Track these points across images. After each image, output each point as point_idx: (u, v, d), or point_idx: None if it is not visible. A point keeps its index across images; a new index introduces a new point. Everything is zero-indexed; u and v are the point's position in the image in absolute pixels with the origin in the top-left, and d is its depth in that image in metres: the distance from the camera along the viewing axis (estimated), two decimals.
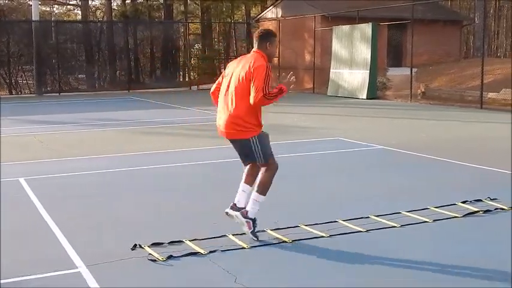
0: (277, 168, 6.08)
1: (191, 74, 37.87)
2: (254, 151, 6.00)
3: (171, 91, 31.86)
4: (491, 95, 20.96)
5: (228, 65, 6.32)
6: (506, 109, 19.36)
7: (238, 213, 6.02)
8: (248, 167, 6.19)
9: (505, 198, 7.56)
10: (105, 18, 40.71)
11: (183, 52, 38.78)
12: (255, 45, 6.12)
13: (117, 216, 7.12)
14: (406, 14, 27.99)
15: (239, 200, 6.12)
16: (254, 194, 6.02)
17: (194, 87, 33.67)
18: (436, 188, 8.51)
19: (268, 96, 5.81)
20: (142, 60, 37.73)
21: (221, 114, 6.08)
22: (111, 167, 10.29)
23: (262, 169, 6.05)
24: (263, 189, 6.00)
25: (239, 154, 6.25)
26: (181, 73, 39.26)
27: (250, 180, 6.15)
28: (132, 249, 5.75)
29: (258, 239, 5.98)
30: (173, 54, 37.83)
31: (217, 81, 6.39)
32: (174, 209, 7.41)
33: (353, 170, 10.04)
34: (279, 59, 33.25)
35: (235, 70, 6.06)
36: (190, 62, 38.20)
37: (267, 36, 6.10)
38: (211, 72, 42.16)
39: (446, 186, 8.64)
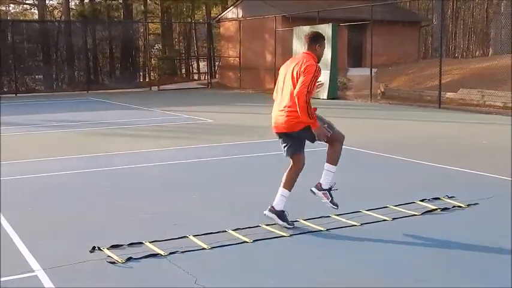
0: (343, 138, 6.61)
1: (151, 74, 37.65)
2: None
3: (131, 92, 31.64)
4: (449, 94, 21.27)
5: (281, 68, 6.69)
6: (463, 108, 19.68)
7: (314, 189, 6.57)
8: None
9: (462, 196, 7.67)
10: (62, 18, 40.20)
11: (143, 52, 38.56)
12: (305, 47, 6.46)
13: (74, 218, 7.02)
14: (366, 15, 28.25)
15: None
16: (326, 165, 6.55)
17: (154, 88, 33.48)
18: (396, 186, 8.61)
19: (308, 96, 6.08)
20: (101, 61, 37.37)
21: (276, 111, 6.47)
22: (69, 169, 10.16)
23: (328, 145, 6.54)
24: (333, 159, 6.52)
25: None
26: (141, 73, 39.02)
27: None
28: (91, 251, 5.68)
29: (337, 207, 6.50)
30: (133, 55, 37.57)
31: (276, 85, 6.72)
32: (133, 211, 7.34)
33: (315, 170, 10.04)
34: (240, 59, 33.28)
35: (288, 70, 6.42)
36: (150, 62, 37.99)
37: (316, 38, 6.45)
38: (172, 72, 42.05)
39: (406, 184, 8.74)
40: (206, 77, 40.72)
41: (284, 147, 6.62)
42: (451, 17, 46.27)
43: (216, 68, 41.77)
